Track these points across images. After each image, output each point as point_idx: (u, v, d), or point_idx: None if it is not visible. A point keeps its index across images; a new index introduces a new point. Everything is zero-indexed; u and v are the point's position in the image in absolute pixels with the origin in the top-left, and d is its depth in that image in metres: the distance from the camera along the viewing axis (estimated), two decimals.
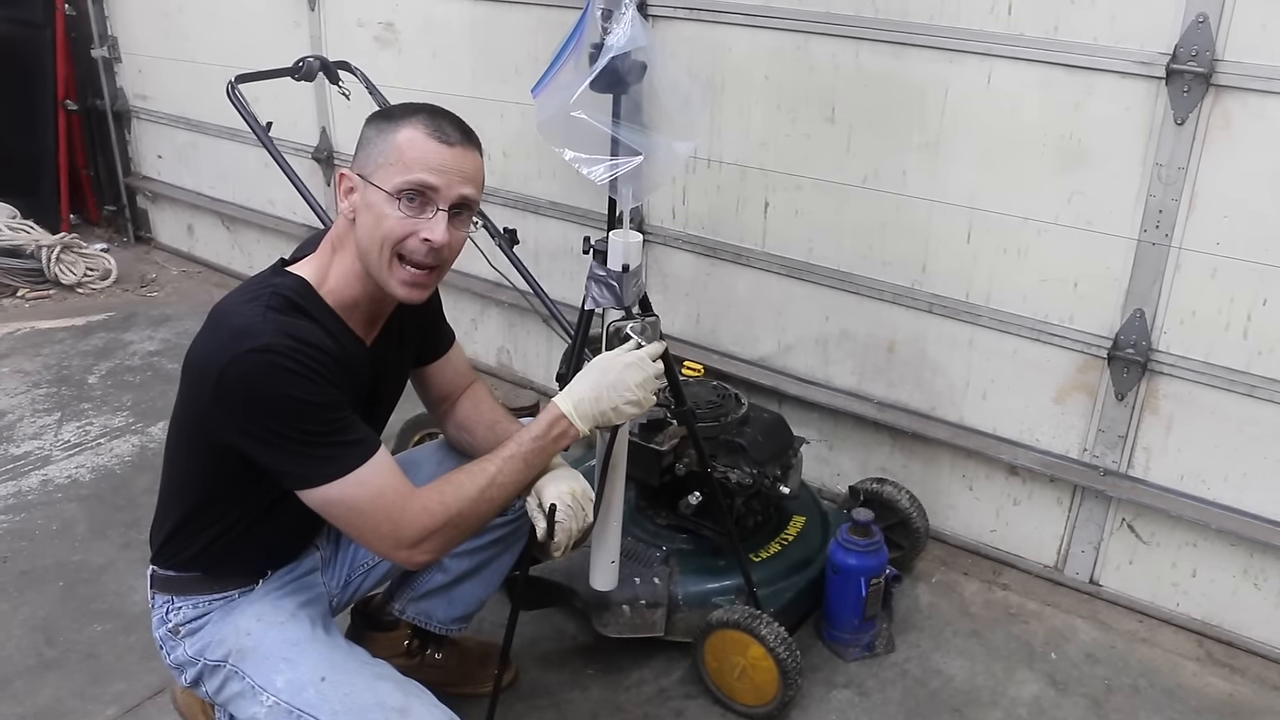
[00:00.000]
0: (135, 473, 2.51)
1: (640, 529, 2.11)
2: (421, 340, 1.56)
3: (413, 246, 1.30)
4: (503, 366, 3.26)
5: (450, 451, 1.63)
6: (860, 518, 1.97)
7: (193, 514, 1.38)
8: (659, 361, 1.43)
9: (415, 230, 1.28)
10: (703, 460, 1.84)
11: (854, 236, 2.39)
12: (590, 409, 1.38)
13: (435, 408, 1.63)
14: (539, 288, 2.27)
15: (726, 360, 2.66)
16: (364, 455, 1.27)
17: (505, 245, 2.25)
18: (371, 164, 1.29)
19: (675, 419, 1.86)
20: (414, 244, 1.30)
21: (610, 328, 1.44)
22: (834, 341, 2.51)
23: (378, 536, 1.29)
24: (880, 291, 2.38)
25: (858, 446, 2.55)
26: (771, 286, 2.56)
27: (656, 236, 2.70)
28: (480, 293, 3.11)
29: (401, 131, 1.28)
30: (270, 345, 1.22)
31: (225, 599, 1.40)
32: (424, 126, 1.27)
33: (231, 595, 1.40)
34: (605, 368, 1.38)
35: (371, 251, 1.30)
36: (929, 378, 2.38)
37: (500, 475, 1.35)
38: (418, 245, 1.29)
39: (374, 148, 1.29)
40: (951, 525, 2.47)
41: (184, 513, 1.39)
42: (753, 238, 2.55)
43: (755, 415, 2.11)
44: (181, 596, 1.40)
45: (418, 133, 1.27)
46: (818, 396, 2.53)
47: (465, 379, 1.63)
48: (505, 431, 1.51)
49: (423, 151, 1.26)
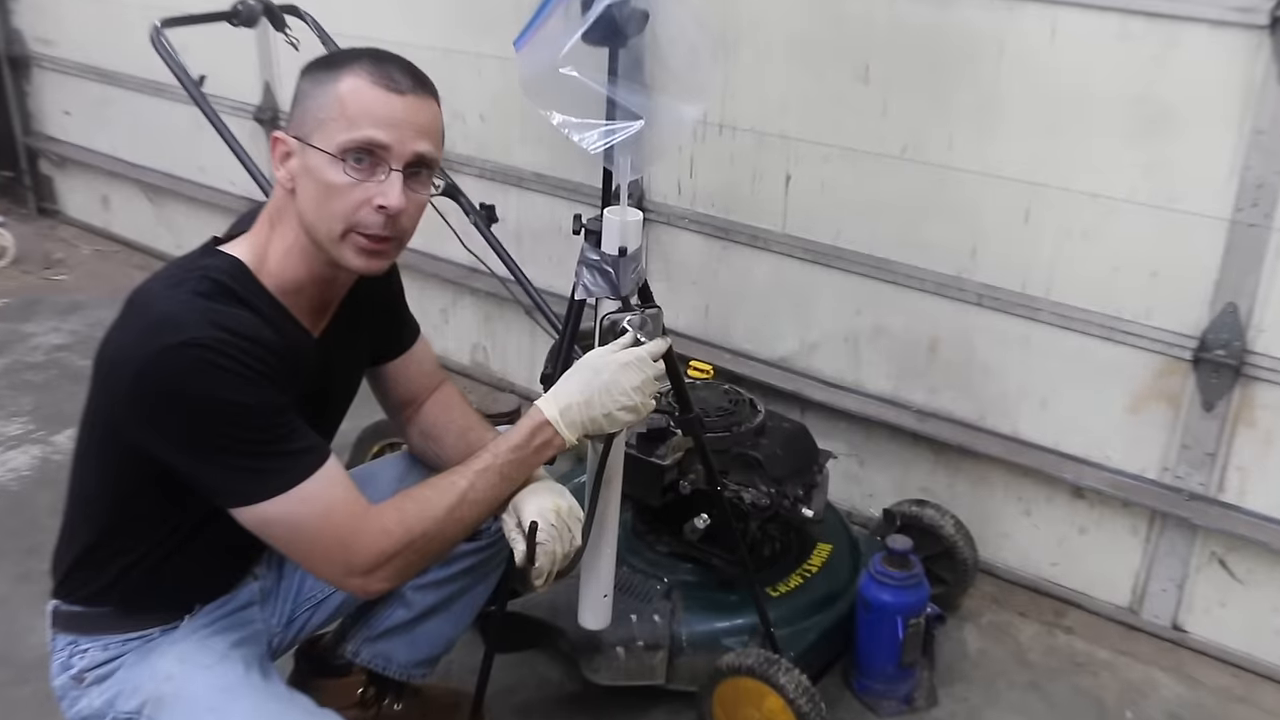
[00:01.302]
0: (36, 490, 2.50)
1: (638, 557, 2.12)
2: (380, 332, 1.55)
3: (365, 217, 1.28)
4: (478, 365, 3.25)
5: (414, 464, 1.63)
6: (897, 546, 1.98)
7: (104, 538, 1.37)
8: (660, 361, 1.43)
9: (367, 197, 1.27)
10: (711, 477, 1.84)
11: (890, 216, 2.38)
12: (579, 415, 1.37)
13: (397, 413, 1.62)
14: (521, 273, 2.27)
15: (740, 360, 2.66)
16: (310, 467, 1.27)
17: (481, 224, 2.25)
18: (309, 122, 1.28)
19: (679, 428, 1.87)
20: (366, 214, 1.28)
21: (604, 321, 1.43)
22: (866, 339, 2.51)
23: (327, 562, 1.29)
24: (921, 281, 2.37)
25: (894, 462, 2.55)
26: (793, 274, 2.55)
27: (659, 215, 2.69)
28: (452, 279, 3.10)
29: (343, 81, 1.26)
30: (198, 338, 1.21)
31: (142, 638, 1.39)
32: (369, 74, 1.26)
33: (150, 634, 1.39)
34: (598, 367, 1.38)
35: (317, 225, 1.29)
36: (978, 382, 2.38)
37: (472, 491, 1.35)
38: (371, 215, 1.28)
39: (311, 103, 1.28)
40: (1005, 557, 2.46)
41: (94, 536, 1.38)
42: (771, 217, 2.54)
43: (773, 425, 2.11)
44: (89, 637, 1.39)
45: (361, 81, 1.26)
46: (847, 403, 2.52)
47: (432, 379, 1.63)
48: (479, 441, 1.50)
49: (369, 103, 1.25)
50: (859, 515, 2.63)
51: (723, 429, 2.03)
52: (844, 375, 2.57)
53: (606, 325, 1.43)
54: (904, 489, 2.53)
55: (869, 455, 2.58)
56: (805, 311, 2.58)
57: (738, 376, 2.61)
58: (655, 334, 1.44)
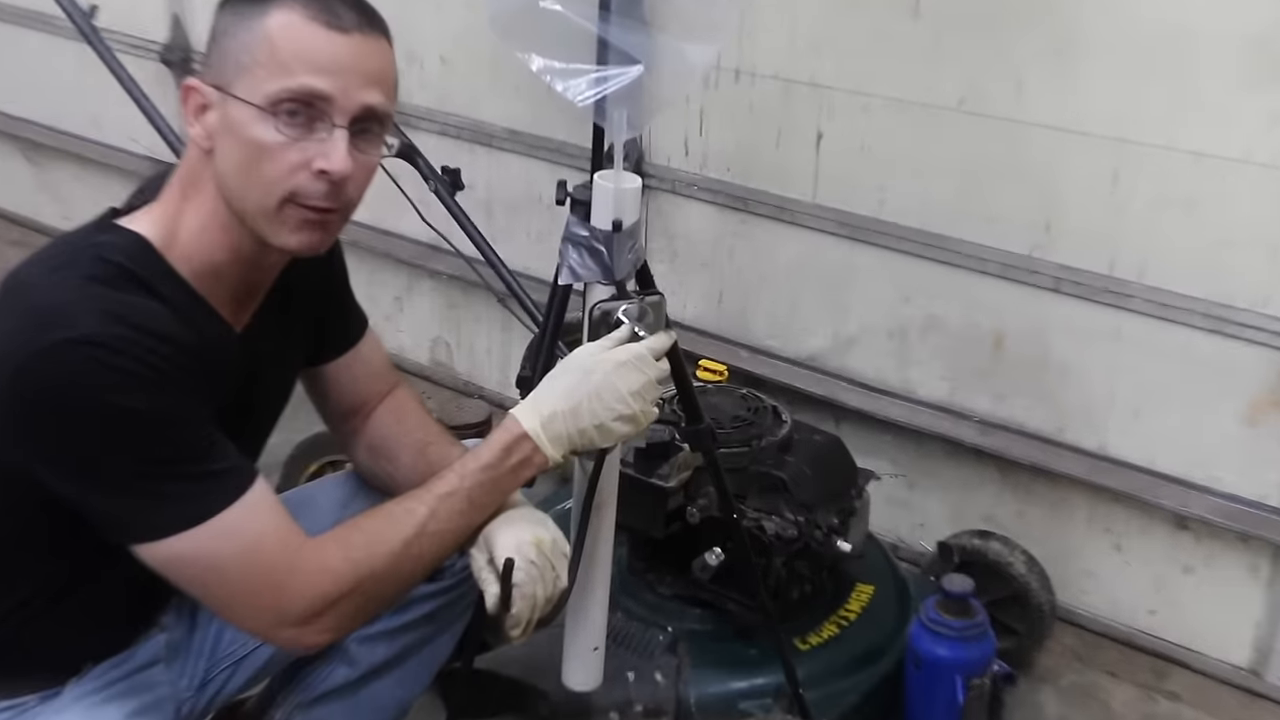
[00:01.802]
0: None
1: (636, 601, 2.11)
2: (318, 326, 1.55)
3: (303, 184, 1.28)
4: (439, 366, 3.25)
5: (361, 487, 1.63)
6: (955, 589, 1.98)
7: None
8: (663, 360, 1.42)
9: (304, 160, 1.27)
10: (726, 503, 1.84)
11: (945, 182, 2.37)
12: (565, 427, 1.37)
13: (340, 424, 1.63)
14: (492, 253, 2.26)
15: (761, 359, 2.66)
16: (232, 491, 1.27)
17: (444, 192, 2.24)
18: (231, 67, 1.27)
19: (687, 442, 1.86)
20: (304, 181, 1.28)
21: (595, 311, 1.43)
22: (916, 333, 2.50)
23: (253, 609, 1.29)
24: (983, 261, 2.36)
25: (951, 484, 2.55)
26: (826, 253, 2.54)
27: (662, 181, 2.68)
28: (407, 260, 3.09)
29: (272, 16, 1.26)
30: (91, 335, 1.20)
31: (16, 708, 1.37)
32: (304, 7, 1.26)
33: (25, 703, 1.37)
34: (587, 368, 1.37)
35: (242, 195, 1.29)
36: (1054, 386, 2.37)
37: (433, 520, 1.34)
38: (310, 183, 1.28)
39: (233, 42, 1.28)
40: (1090, 602, 2.45)
41: None
42: (800, 183, 2.53)
43: (802, 438, 2.11)
44: None
45: (295, 16, 1.25)
46: (892, 411, 2.51)
47: (384, 383, 1.63)
48: (441, 458, 1.50)
49: (305, 43, 1.25)
50: (908, 550, 2.61)
51: (739, 443, 2.03)
52: (888, 377, 2.55)
53: (598, 316, 1.42)
54: (963, 517, 2.52)
55: (920, 476, 2.58)
56: (841, 299, 2.56)
57: (757, 379, 2.61)
58: (657, 327, 1.43)
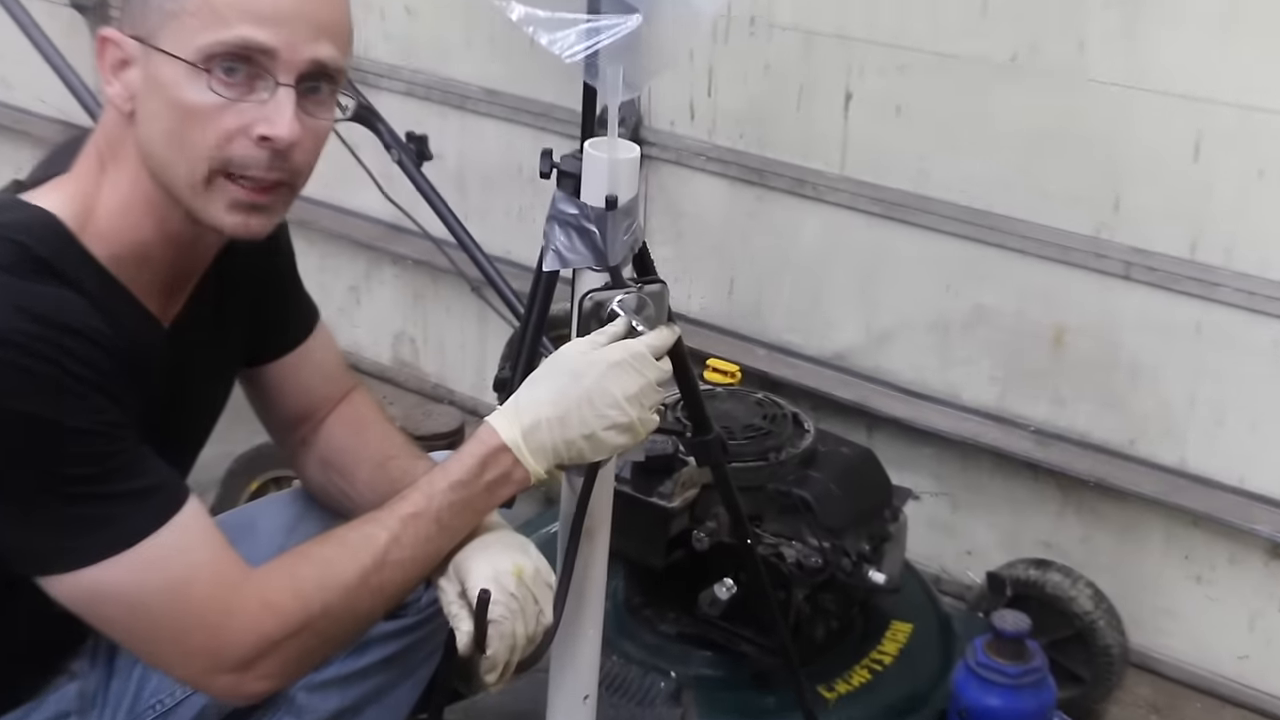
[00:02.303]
0: None
1: (634, 642, 2.12)
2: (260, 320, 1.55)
3: (241, 154, 1.28)
4: (403, 366, 3.28)
5: (310, 508, 1.63)
6: (1008, 628, 1.97)
7: None
8: (665, 359, 1.42)
9: (243, 124, 1.27)
10: (739, 526, 1.83)
11: (996, 151, 2.38)
12: (550, 437, 1.36)
13: (286, 434, 1.63)
14: (465, 234, 2.28)
15: (779, 358, 2.67)
16: (159, 514, 1.27)
17: (408, 163, 2.26)
18: (155, 16, 1.27)
19: (693, 455, 1.86)
20: (242, 150, 1.28)
21: (585, 302, 1.42)
22: (961, 327, 2.52)
23: (182, 653, 1.28)
24: (1041, 244, 2.38)
25: (1002, 505, 2.55)
26: (856, 234, 2.55)
27: (664, 151, 2.69)
28: (366, 242, 3.12)
29: None
30: None
31: None
32: None
33: None
34: (576, 369, 1.37)
35: (171, 166, 1.29)
36: (1124, 390, 2.38)
37: (396, 547, 1.34)
38: (249, 151, 1.28)
39: None
40: (1169, 644, 2.44)
41: None
42: (825, 153, 2.54)
43: (828, 451, 2.12)
44: None
45: None
46: (933, 419, 2.53)
47: (337, 386, 1.64)
48: (405, 474, 1.50)
49: None
50: (952, 581, 2.62)
51: (755, 456, 2.04)
52: (929, 379, 2.57)
53: (589, 308, 1.42)
54: (1018, 543, 2.52)
55: (966, 495, 2.58)
56: (873, 288, 2.57)
57: (776, 381, 2.62)
58: (658, 321, 1.43)
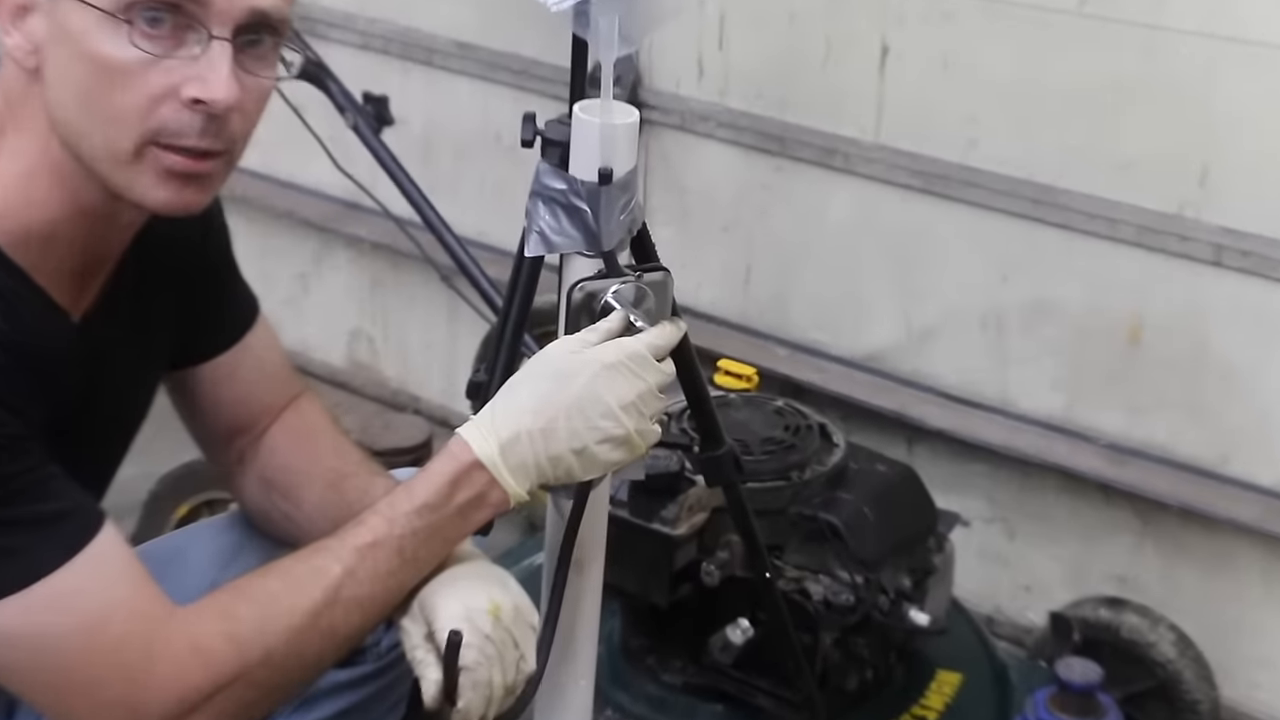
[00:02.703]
0: None
1: (631, 693, 2.12)
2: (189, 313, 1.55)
3: (170, 120, 1.28)
4: (359, 368, 3.29)
5: (249, 536, 1.64)
6: (1075, 679, 1.97)
7: None
8: (669, 361, 1.41)
9: (171, 85, 1.27)
10: (756, 557, 1.83)
11: (1060, 114, 2.38)
12: (533, 452, 1.36)
13: (221, 449, 1.64)
14: (433, 213, 2.29)
15: (803, 359, 2.68)
16: (69, 544, 1.27)
17: (365, 128, 2.27)
18: None
19: (701, 474, 1.84)
20: (171, 114, 1.28)
21: (575, 293, 1.41)
22: (1018, 322, 2.52)
23: (95, 706, 1.28)
24: (1112, 224, 2.38)
25: (1068, 533, 2.55)
26: (894, 213, 2.55)
27: (667, 114, 2.71)
28: (315, 222, 3.14)
29: None
30: None
31: None
32: None
33: None
34: (564, 372, 1.36)
35: (86, 133, 1.29)
36: (1214, 396, 2.37)
37: (351, 582, 1.35)
38: (179, 116, 1.28)
39: None
40: (1267, 699, 2.43)
41: None
42: (858, 116, 2.55)
43: (860, 469, 2.13)
44: None
45: None
46: (985, 431, 2.53)
47: (281, 392, 1.64)
48: (362, 495, 1.51)
49: None
50: (1007, 623, 2.61)
51: (775, 475, 2.05)
52: (980, 384, 2.56)
53: (579, 300, 1.41)
54: (1086, 578, 2.51)
55: (1024, 521, 2.58)
56: (914, 276, 2.57)
57: (799, 386, 2.62)
58: (660, 316, 1.43)
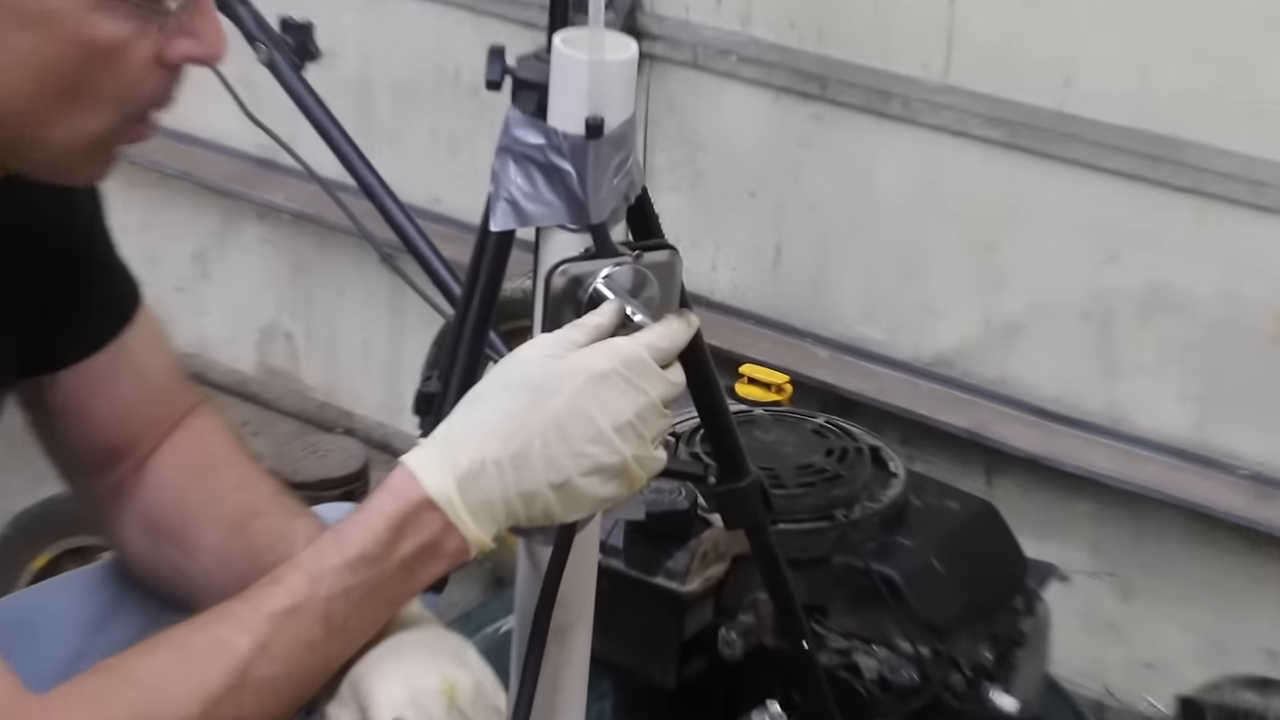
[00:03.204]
0: None
1: None
2: (46, 305, 1.58)
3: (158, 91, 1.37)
4: (275, 375, 3.51)
5: (127, 594, 1.69)
6: None
7: None
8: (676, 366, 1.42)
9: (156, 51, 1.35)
10: (791, 621, 1.88)
11: (1182, 44, 2.45)
12: (500, 486, 1.38)
13: (91, 479, 1.67)
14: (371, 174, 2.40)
15: (851, 363, 2.79)
16: None
17: (283, 65, 2.40)
18: None
19: (719, 513, 1.87)
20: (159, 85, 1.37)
21: (556, 278, 1.42)
22: (1131, 316, 2.61)
23: None
24: (1255, 187, 2.45)
25: (1201, 592, 2.61)
26: (969, 174, 2.66)
27: (676, 48, 2.82)
28: (218, 187, 3.33)
29: None
30: None
31: None
32: None
33: None
34: (541, 383, 1.38)
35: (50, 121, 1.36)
36: None
37: (264, 660, 1.37)
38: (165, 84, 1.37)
39: None
40: None
41: None
42: (921, 51, 2.65)
43: (927, 506, 2.22)
44: None
45: None
46: (1090, 457, 2.60)
47: (169, 405, 1.68)
48: (276, 540, 1.56)
49: None
50: (1123, 709, 2.66)
51: (814, 514, 2.10)
52: (1082, 395, 2.64)
53: (561, 287, 1.42)
54: (1225, 652, 2.57)
55: (1142, 575, 2.66)
56: (995, 256, 2.67)
57: (846, 398, 2.72)
58: (666, 308, 1.43)
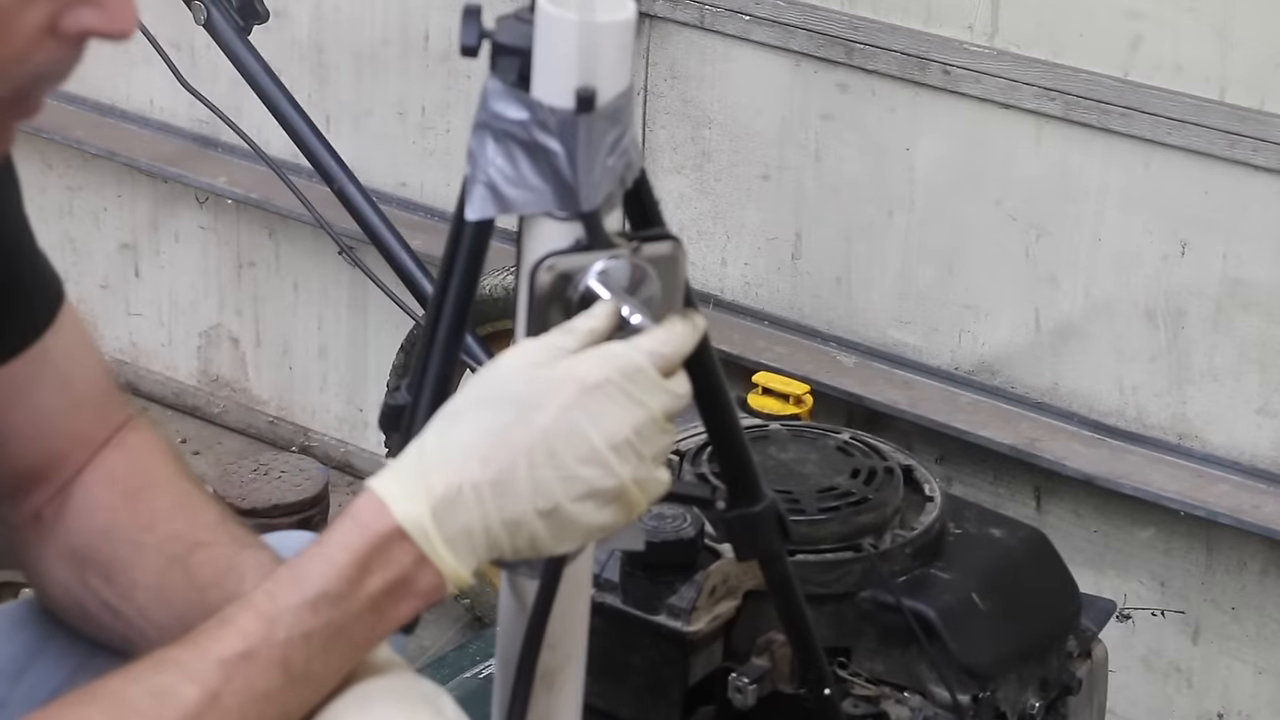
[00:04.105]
0: None
1: None
2: None
3: (54, 64, 1.35)
4: (219, 386, 3.53)
5: (52, 637, 1.69)
6: None
7: None
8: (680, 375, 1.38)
9: (50, 19, 1.31)
10: (811, 665, 1.86)
11: (1266, 3, 2.46)
12: (480, 514, 1.35)
13: (8, 503, 1.68)
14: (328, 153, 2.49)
15: (882, 370, 2.80)
16: None
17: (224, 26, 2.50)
18: None
19: (730, 542, 1.85)
20: (55, 57, 1.35)
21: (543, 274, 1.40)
22: (1203, 313, 2.60)
23: None
24: None
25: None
26: (1019, 151, 2.68)
27: (679, 7, 2.86)
28: (151, 168, 3.37)
29: None
30: None
31: None
32: None
33: None
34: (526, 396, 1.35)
35: None
36: None
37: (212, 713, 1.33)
38: (63, 57, 1.35)
39: None
40: None
41: None
42: (963, 10, 2.67)
43: (967, 534, 2.23)
44: None
45: None
46: (1154, 478, 2.59)
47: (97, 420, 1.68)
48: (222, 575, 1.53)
49: None
50: None
51: (839, 543, 2.09)
52: (1146, 408, 2.63)
53: (548, 285, 1.42)
54: None
55: (1214, 613, 2.64)
56: (1047, 246, 2.65)
57: (875, 411, 2.73)
58: (669, 309, 1.41)
